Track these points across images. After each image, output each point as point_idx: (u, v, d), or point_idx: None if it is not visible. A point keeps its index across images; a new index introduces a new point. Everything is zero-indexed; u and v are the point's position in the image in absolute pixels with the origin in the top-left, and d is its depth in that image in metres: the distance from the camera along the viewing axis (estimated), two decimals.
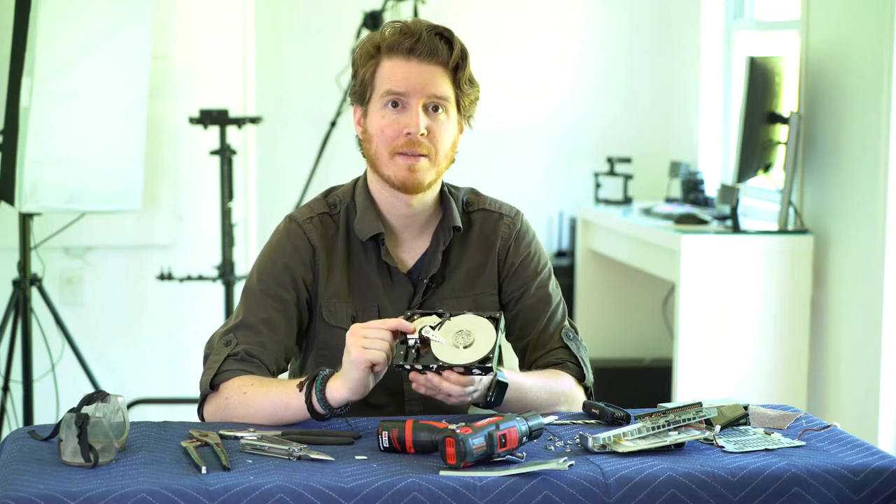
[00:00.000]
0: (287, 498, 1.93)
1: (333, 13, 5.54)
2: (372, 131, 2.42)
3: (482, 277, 2.51)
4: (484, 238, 2.53)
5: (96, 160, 4.27)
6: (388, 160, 2.41)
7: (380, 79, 2.40)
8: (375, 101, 2.41)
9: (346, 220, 2.49)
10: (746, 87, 4.54)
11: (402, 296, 2.47)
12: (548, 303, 2.53)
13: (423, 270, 2.48)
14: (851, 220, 4.30)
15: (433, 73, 2.40)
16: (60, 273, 5.08)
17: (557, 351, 2.51)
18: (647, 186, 5.66)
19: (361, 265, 2.47)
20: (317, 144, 5.40)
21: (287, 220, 2.50)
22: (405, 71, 2.39)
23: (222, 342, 2.41)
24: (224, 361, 2.37)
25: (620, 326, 5.57)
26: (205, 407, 2.38)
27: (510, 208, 2.57)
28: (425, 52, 2.38)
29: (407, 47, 2.38)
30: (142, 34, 4.34)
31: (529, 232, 2.56)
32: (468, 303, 2.48)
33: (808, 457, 2.11)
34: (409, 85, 2.38)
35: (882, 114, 4.07)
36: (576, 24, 5.72)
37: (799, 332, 4.50)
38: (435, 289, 2.48)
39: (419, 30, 2.39)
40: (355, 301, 2.45)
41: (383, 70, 2.40)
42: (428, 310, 2.35)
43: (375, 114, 2.41)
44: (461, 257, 2.51)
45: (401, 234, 2.49)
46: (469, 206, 2.54)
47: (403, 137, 2.39)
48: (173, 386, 5.15)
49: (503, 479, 1.99)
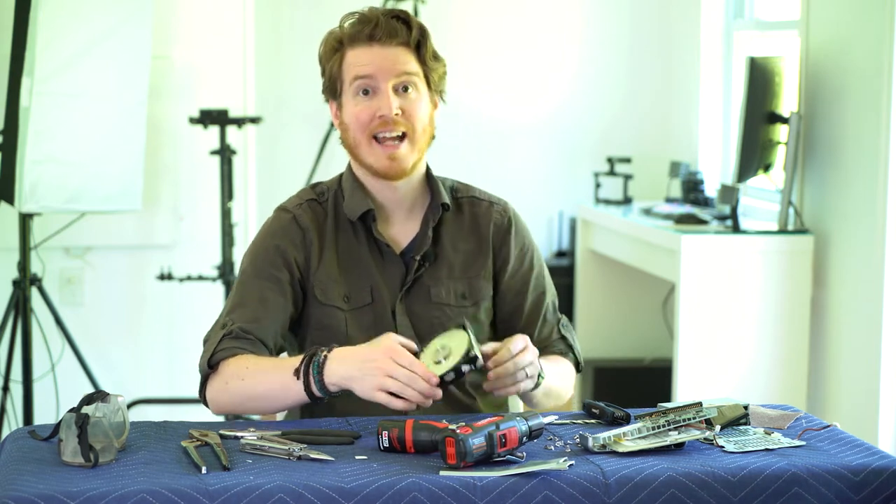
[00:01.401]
0: (287, 498, 1.93)
1: (333, 13, 5.45)
2: (348, 121, 2.47)
3: (476, 262, 2.54)
4: (475, 224, 2.56)
5: (96, 160, 4.27)
6: (367, 147, 2.46)
7: (346, 69, 2.46)
8: (347, 93, 2.47)
9: (334, 205, 2.53)
10: (746, 87, 4.54)
11: (394, 275, 2.49)
12: (545, 294, 2.60)
13: (414, 249, 2.51)
14: (851, 220, 4.30)
15: (396, 54, 2.45)
16: (60, 273, 5.08)
17: (557, 342, 2.58)
18: (647, 186, 5.66)
19: (353, 247, 2.50)
20: (317, 144, 5.40)
21: (277, 210, 2.55)
22: (369, 56, 2.44)
23: (218, 325, 2.45)
24: (220, 341, 2.39)
25: (620, 326, 5.57)
26: (206, 390, 2.39)
27: (498, 198, 2.61)
28: (385, 35, 2.44)
29: (367, 34, 2.44)
30: (142, 34, 4.34)
31: (521, 222, 2.61)
32: (463, 285, 2.51)
33: (808, 457, 2.11)
34: (376, 68, 2.44)
35: (882, 114, 4.07)
36: (576, 24, 5.72)
37: (799, 332, 4.50)
38: (428, 269, 2.50)
39: (375, 16, 2.45)
40: (348, 281, 2.47)
41: (348, 60, 2.46)
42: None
43: (349, 103, 2.47)
44: (454, 241, 2.54)
45: (391, 215, 2.53)
46: (457, 193, 2.58)
47: (378, 120, 2.44)
48: (173, 386, 5.15)
49: (503, 479, 1.99)
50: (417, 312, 2.49)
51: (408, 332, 2.45)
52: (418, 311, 2.49)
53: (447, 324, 2.45)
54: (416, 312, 2.48)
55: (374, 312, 2.47)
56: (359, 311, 2.47)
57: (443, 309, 2.49)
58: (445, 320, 2.48)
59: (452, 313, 2.49)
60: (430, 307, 2.49)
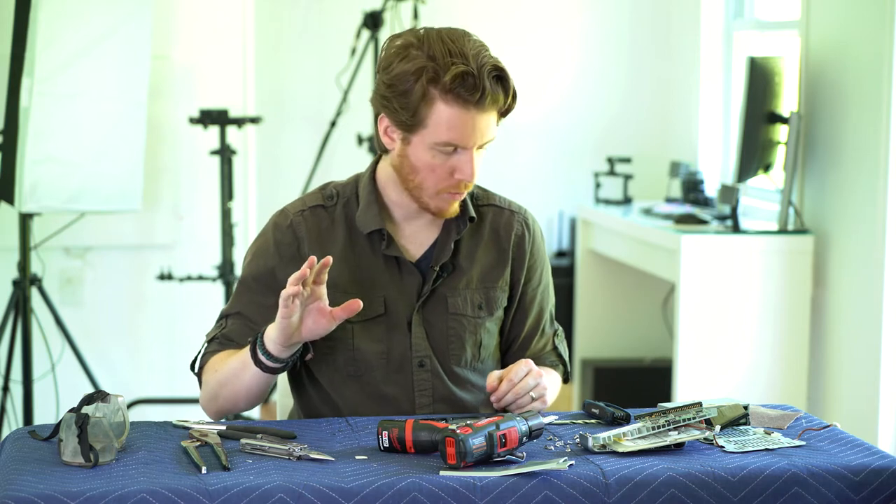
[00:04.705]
0: (287, 498, 1.93)
1: (333, 13, 5.54)
2: (417, 164, 2.37)
3: (495, 272, 2.51)
4: (496, 234, 2.53)
5: (96, 160, 4.27)
6: (433, 194, 2.40)
7: (436, 122, 2.32)
8: (426, 139, 2.35)
9: (345, 212, 2.48)
10: (746, 87, 4.54)
11: (410, 285, 2.46)
12: (547, 307, 2.60)
13: (433, 258, 2.47)
14: (851, 220, 4.30)
15: (490, 121, 2.36)
16: (60, 273, 5.07)
17: (549, 354, 2.59)
18: (647, 186, 5.66)
19: (365, 257, 2.46)
20: (317, 144, 5.40)
21: (277, 214, 2.51)
22: (465, 120, 2.32)
23: (215, 329, 2.49)
24: (206, 346, 2.47)
25: (620, 326, 5.57)
26: (200, 398, 2.47)
27: (518, 206, 2.59)
28: (487, 104, 2.33)
29: (473, 102, 2.32)
30: (142, 34, 4.34)
31: (539, 234, 2.59)
32: (480, 295, 2.49)
33: (808, 457, 2.11)
34: (469, 137, 2.34)
35: (882, 114, 4.07)
36: (576, 24, 5.72)
37: (799, 332, 4.50)
38: (446, 279, 2.47)
39: (482, 80, 2.30)
40: (359, 292, 2.41)
41: (441, 115, 2.32)
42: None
43: (424, 150, 2.36)
44: (474, 250, 2.51)
45: (409, 225, 2.48)
46: (478, 200, 2.54)
47: (454, 180, 2.38)
48: (173, 386, 5.15)
49: (503, 479, 1.99)
50: (433, 322, 2.45)
51: (422, 342, 2.44)
52: (434, 321, 2.46)
53: (463, 334, 2.45)
54: (432, 322, 2.45)
55: (386, 323, 2.44)
56: (370, 323, 2.43)
57: (459, 319, 2.47)
58: (461, 331, 2.46)
59: (469, 324, 2.47)
60: (447, 317, 2.46)
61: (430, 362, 2.44)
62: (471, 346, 2.47)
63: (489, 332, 2.50)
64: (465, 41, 2.33)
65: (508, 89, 2.36)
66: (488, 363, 2.51)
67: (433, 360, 2.44)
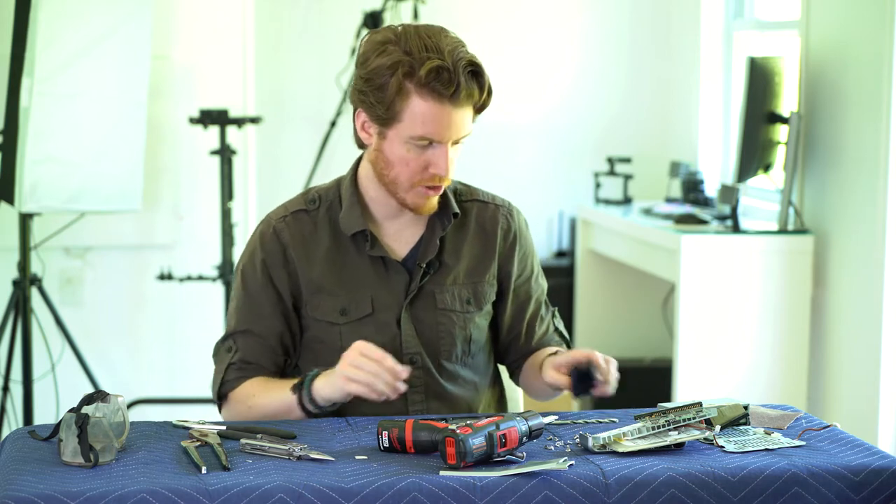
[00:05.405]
0: (287, 498, 1.93)
1: (333, 13, 5.54)
2: (392, 158, 2.39)
3: (481, 266, 2.52)
4: (481, 228, 2.54)
5: (96, 160, 4.27)
6: (408, 188, 2.40)
7: (411, 116, 2.34)
8: (400, 133, 2.36)
9: (328, 215, 2.49)
10: (746, 87, 4.54)
11: (398, 283, 2.47)
12: (542, 293, 2.62)
13: (419, 256, 2.48)
14: (851, 220, 4.30)
15: (464, 116, 2.37)
16: (60, 273, 5.07)
17: (553, 335, 2.62)
18: (647, 186, 5.65)
19: (350, 258, 2.47)
20: (317, 144, 5.40)
21: (261, 223, 2.53)
22: (440, 115, 2.33)
23: (224, 348, 2.51)
24: (226, 371, 2.48)
25: (620, 326, 5.57)
26: (221, 414, 2.50)
27: (502, 199, 2.59)
28: (462, 98, 2.35)
29: (448, 96, 2.33)
30: (142, 34, 4.34)
31: (525, 225, 2.60)
32: (468, 290, 2.50)
33: (808, 457, 2.11)
34: (443, 131, 2.35)
35: (882, 114, 4.07)
36: (576, 24, 5.72)
37: (799, 332, 4.50)
38: (433, 275, 2.48)
39: (457, 74, 2.32)
40: (346, 294, 2.45)
41: (416, 109, 2.33)
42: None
43: (400, 144, 2.37)
44: (459, 246, 2.51)
45: (392, 223, 2.49)
46: (461, 196, 2.55)
47: (429, 174, 2.38)
48: (173, 386, 5.15)
49: (503, 479, 1.99)
50: (423, 319, 2.47)
51: (412, 339, 2.45)
52: (423, 317, 2.47)
53: (453, 330, 2.46)
54: (421, 319, 2.46)
55: (374, 323, 2.45)
56: (357, 324, 2.45)
57: (448, 315, 2.47)
58: (451, 326, 2.47)
59: (458, 319, 2.48)
60: (436, 314, 2.47)
61: (420, 359, 2.45)
62: (461, 342, 2.48)
63: (478, 326, 2.51)
64: (442, 37, 2.35)
65: (483, 84, 2.38)
66: (479, 358, 2.52)
67: (424, 356, 2.46)
